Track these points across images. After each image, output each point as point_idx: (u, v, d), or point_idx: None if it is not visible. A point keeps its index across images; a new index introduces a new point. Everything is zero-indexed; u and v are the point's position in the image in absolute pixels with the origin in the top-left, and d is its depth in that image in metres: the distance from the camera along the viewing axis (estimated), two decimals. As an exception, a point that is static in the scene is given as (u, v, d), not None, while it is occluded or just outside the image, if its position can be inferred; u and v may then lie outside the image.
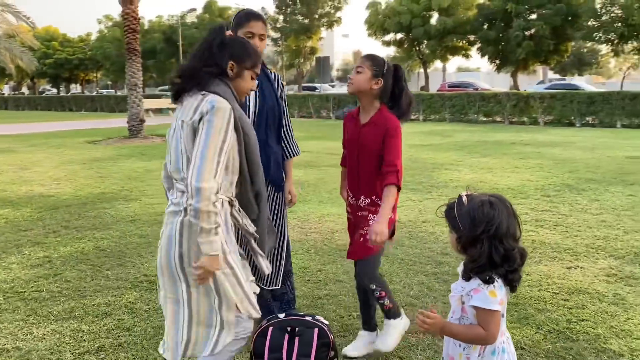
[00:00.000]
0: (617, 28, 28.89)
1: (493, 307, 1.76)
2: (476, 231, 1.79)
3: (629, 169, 8.78)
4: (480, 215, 1.79)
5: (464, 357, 1.86)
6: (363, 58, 2.74)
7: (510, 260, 1.79)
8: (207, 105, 2.04)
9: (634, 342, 2.95)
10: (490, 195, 1.86)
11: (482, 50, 34.68)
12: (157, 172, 9.13)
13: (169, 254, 2.09)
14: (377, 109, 2.70)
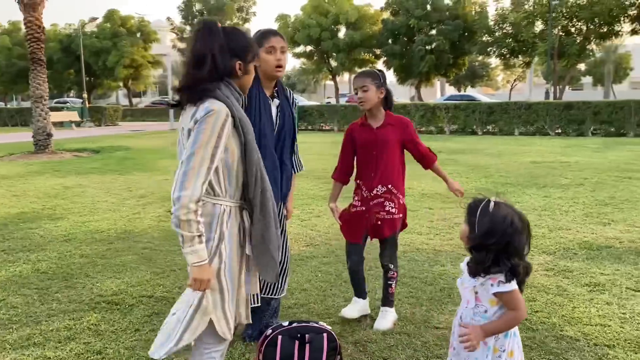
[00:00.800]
0: (508, 43, 31.34)
1: (513, 287, 1.93)
2: (488, 240, 1.92)
3: (537, 173, 9.58)
4: (498, 228, 1.92)
5: (480, 343, 2.00)
6: (363, 77, 3.19)
7: (516, 274, 1.94)
8: (201, 112, 2.01)
9: (586, 328, 3.28)
10: (515, 212, 1.97)
11: (388, 64, 36.14)
12: (77, 189, 8.67)
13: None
14: (384, 113, 3.25)
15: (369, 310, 3.54)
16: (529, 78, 53.02)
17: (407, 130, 3.27)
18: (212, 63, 2.06)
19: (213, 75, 2.07)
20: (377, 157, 3.26)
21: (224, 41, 2.09)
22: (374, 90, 3.15)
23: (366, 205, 3.30)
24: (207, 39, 2.07)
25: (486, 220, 1.94)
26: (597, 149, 13.96)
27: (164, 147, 16.46)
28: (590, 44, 31.24)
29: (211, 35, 2.08)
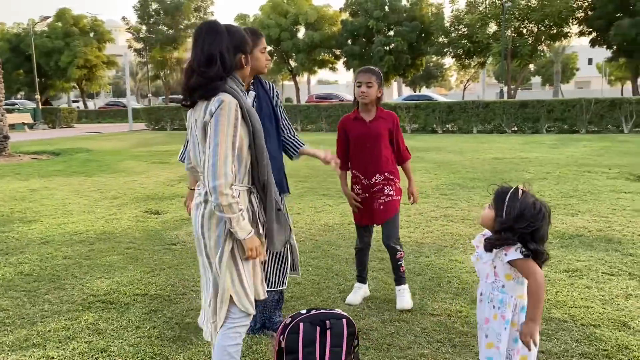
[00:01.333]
0: (463, 44, 32.17)
1: (525, 254, 2.06)
2: (519, 224, 2.06)
3: (501, 169, 9.93)
4: (528, 213, 2.07)
5: (499, 316, 2.15)
6: (369, 74, 3.46)
7: (538, 256, 2.09)
8: (214, 104, 2.18)
9: (571, 310, 3.48)
10: (541, 201, 2.13)
11: (348, 64, 36.48)
12: (44, 192, 8.45)
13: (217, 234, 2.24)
14: (377, 108, 3.54)
15: (368, 292, 3.83)
16: (482, 78, 54.55)
17: (395, 123, 3.57)
18: (220, 61, 2.22)
19: (222, 72, 2.23)
20: (371, 149, 3.51)
21: (228, 39, 2.26)
22: (376, 87, 3.45)
23: (368, 192, 3.56)
24: (215, 39, 2.23)
25: (517, 205, 2.08)
26: (554, 145, 14.54)
27: (125, 149, 16.15)
28: (541, 44, 32.44)
29: (217, 35, 2.24)
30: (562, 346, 3.01)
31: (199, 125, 2.22)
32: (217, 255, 2.24)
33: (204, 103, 2.22)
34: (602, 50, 33.62)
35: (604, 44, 30.74)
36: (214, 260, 2.25)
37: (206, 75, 2.20)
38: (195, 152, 2.28)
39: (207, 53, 2.22)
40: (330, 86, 73.64)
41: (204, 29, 2.27)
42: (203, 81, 2.21)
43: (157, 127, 26.37)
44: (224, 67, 2.23)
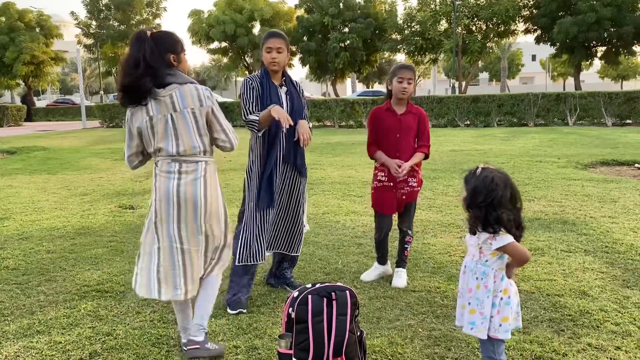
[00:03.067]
0: (416, 41, 32.92)
1: (508, 240, 2.33)
2: (476, 199, 2.32)
3: (459, 160, 10.41)
4: (481, 187, 2.31)
5: (482, 286, 2.41)
6: (411, 71, 3.77)
7: (501, 222, 2.32)
8: (206, 92, 2.82)
9: (537, 283, 3.85)
10: (498, 172, 2.38)
11: (304, 60, 36.68)
12: (8, 190, 8.32)
13: (219, 199, 2.88)
14: (407, 103, 3.83)
15: (390, 270, 4.09)
16: (433, 74, 55.83)
17: (423, 119, 3.83)
18: (144, 63, 2.67)
19: (148, 71, 2.68)
20: (399, 140, 3.76)
21: (153, 45, 2.71)
22: (413, 84, 3.76)
23: (393, 181, 3.80)
24: (140, 46, 2.70)
25: (472, 182, 2.36)
26: (506, 137, 15.25)
27: (84, 147, 15.87)
28: (490, 41, 33.59)
29: (142, 43, 2.71)
30: (532, 313, 3.36)
31: (199, 112, 2.77)
32: (222, 216, 2.91)
33: (191, 94, 2.75)
34: (546, 47, 35.16)
35: (548, 41, 32.14)
36: (220, 220, 2.89)
37: (134, 76, 2.68)
38: (192, 137, 2.75)
39: (133, 58, 2.70)
40: (285, 82, 73.29)
41: (132, 39, 2.77)
42: (133, 79, 2.68)
43: (111, 125, 25.88)
44: (149, 67, 2.68)
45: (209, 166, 2.82)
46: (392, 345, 3.00)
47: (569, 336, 3.06)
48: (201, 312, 2.91)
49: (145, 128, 2.75)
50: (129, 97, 2.73)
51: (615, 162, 9.66)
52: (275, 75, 3.62)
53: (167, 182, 2.73)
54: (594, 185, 7.41)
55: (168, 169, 2.75)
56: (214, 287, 2.97)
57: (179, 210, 2.74)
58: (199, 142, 2.77)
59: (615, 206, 6.15)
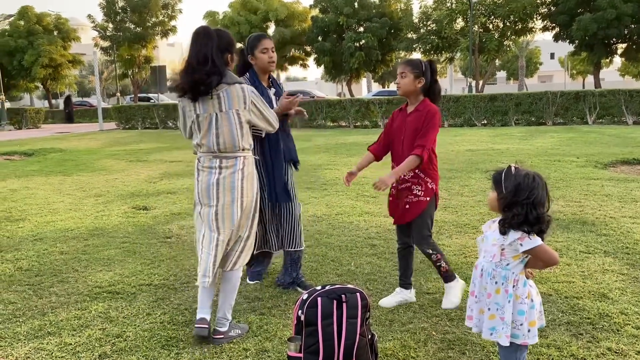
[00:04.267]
0: (432, 40, 32.71)
1: (538, 242, 2.25)
2: (519, 197, 2.23)
3: (475, 160, 10.27)
4: (524, 184, 2.24)
5: (502, 290, 2.33)
6: (404, 64, 3.37)
7: (542, 222, 2.26)
8: (251, 94, 3.01)
9: (555, 285, 3.75)
10: (532, 170, 2.32)
11: (319, 60, 36.65)
12: (24, 191, 8.40)
13: (254, 192, 3.07)
14: (421, 100, 3.35)
15: (413, 297, 3.55)
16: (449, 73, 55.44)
17: (427, 116, 3.26)
18: (211, 60, 2.83)
19: (215, 69, 2.83)
20: (403, 142, 3.35)
21: (217, 42, 2.87)
22: (411, 79, 3.28)
23: (396, 188, 3.42)
24: (207, 42, 2.85)
25: (512, 180, 2.27)
26: (523, 137, 15.03)
27: (100, 148, 16.01)
28: (507, 40, 33.23)
29: (210, 39, 2.86)
30: (550, 316, 3.26)
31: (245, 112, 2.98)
32: (252, 209, 3.06)
33: (237, 95, 2.94)
34: (564, 45, 34.65)
35: (566, 39, 31.67)
36: (250, 212, 3.05)
37: (203, 72, 2.82)
38: (234, 135, 2.96)
39: (202, 54, 2.83)
40: (300, 83, 73.72)
41: (200, 33, 2.88)
42: (203, 77, 2.83)
43: (128, 127, 26.08)
44: (215, 65, 2.83)
45: (247, 160, 3.03)
46: (405, 348, 2.93)
47: (587, 340, 2.96)
48: (225, 305, 3.09)
49: (192, 122, 3.01)
50: (196, 91, 2.87)
51: (636, 161, 9.44)
52: (263, 77, 3.75)
53: (209, 177, 2.97)
54: (614, 185, 7.24)
55: (210, 165, 2.98)
56: (237, 281, 3.13)
57: (217, 203, 2.96)
58: (240, 141, 2.98)
59: (637, 206, 6.00)
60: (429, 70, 3.32)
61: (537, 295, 2.38)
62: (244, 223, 3.04)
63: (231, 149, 2.97)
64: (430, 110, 3.28)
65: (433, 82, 3.35)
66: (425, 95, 3.36)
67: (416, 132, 3.27)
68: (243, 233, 3.06)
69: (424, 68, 3.31)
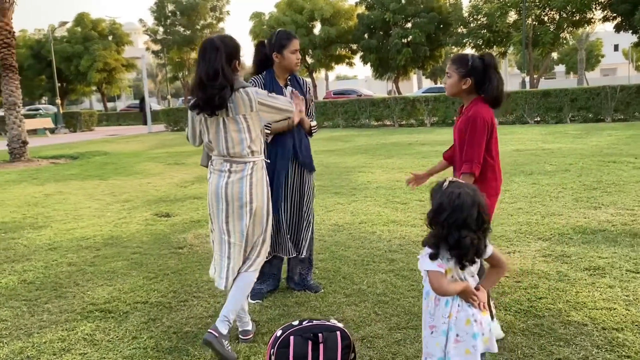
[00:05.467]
0: (483, 34, 31.51)
1: (426, 267, 2.09)
2: (440, 216, 2.05)
3: (522, 161, 9.61)
4: (447, 203, 2.05)
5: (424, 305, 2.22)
6: (450, 62, 2.99)
7: (462, 246, 2.03)
8: (255, 95, 2.90)
9: (592, 312, 3.25)
10: (467, 187, 2.09)
11: (365, 58, 36.11)
12: (57, 196, 8.45)
13: (264, 196, 3.00)
14: (471, 102, 2.94)
15: (501, 333, 2.98)
16: (503, 68, 53.59)
17: (469, 124, 2.87)
18: (222, 73, 2.79)
19: (227, 82, 2.79)
20: (455, 148, 3.08)
21: (224, 53, 2.82)
22: (456, 79, 2.92)
23: None
24: (216, 56, 2.80)
25: (436, 197, 2.09)
26: (578, 135, 14.10)
27: (143, 151, 16.20)
28: (563, 32, 31.60)
29: (217, 52, 2.81)
30: (582, 352, 2.79)
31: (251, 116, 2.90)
32: (265, 214, 3.00)
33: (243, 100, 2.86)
34: (628, 36, 32.61)
35: (629, 29, 29.77)
36: (263, 218, 2.99)
37: (215, 87, 2.78)
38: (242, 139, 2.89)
39: (212, 69, 2.79)
40: (349, 81, 73.25)
41: (207, 48, 2.84)
42: (215, 91, 2.77)
43: (176, 129, 26.48)
44: (225, 78, 2.79)
45: (257, 165, 2.96)
46: (404, 390, 2.54)
47: (625, 387, 2.48)
48: (231, 305, 2.94)
49: (201, 124, 2.95)
50: (211, 106, 2.81)
51: (702, 161, 8.55)
52: (283, 76, 3.64)
53: (218, 179, 2.93)
54: (674, 189, 6.51)
55: (220, 168, 2.95)
56: (248, 283, 3.02)
57: (227, 206, 2.92)
58: (249, 145, 2.91)
59: (699, 215, 5.32)
60: (479, 67, 2.88)
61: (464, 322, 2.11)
62: (257, 229, 3.00)
63: (240, 154, 2.91)
64: (472, 115, 2.87)
65: (488, 79, 2.88)
66: (481, 95, 2.93)
67: (460, 136, 2.94)
68: (257, 238, 3.02)
69: (472, 66, 2.88)
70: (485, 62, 2.93)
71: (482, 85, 2.92)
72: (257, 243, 3.02)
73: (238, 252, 2.96)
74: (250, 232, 2.98)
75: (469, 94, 2.95)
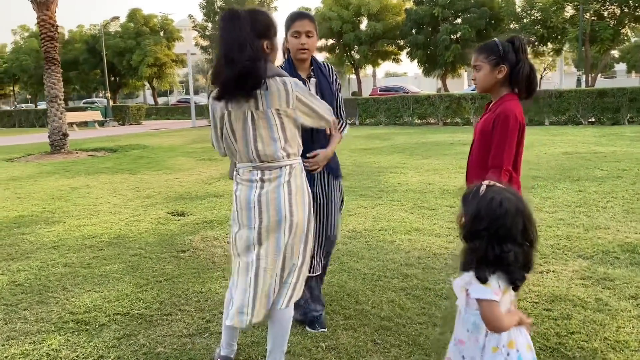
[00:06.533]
0: (537, 30, 30.19)
1: (485, 295, 1.71)
2: (478, 225, 1.75)
3: (569, 165, 8.86)
4: (486, 211, 1.75)
5: (473, 339, 1.83)
6: (476, 53, 2.56)
7: (504, 261, 1.73)
8: (295, 88, 2.38)
9: (635, 355, 2.69)
10: (508, 192, 1.80)
11: (412, 55, 35.26)
12: (83, 190, 8.34)
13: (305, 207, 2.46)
14: (501, 96, 2.54)
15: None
16: (559, 66, 51.39)
17: (498, 122, 2.47)
18: (250, 45, 2.25)
19: (258, 54, 2.26)
20: (471, 150, 2.67)
21: (250, 25, 2.27)
22: (488, 70, 2.52)
23: None
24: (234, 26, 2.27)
25: (474, 204, 1.78)
26: (635, 137, 13.07)
27: (181, 145, 16.16)
28: (624, 28, 29.85)
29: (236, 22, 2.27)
30: (617, 410, 2.26)
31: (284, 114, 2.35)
32: (305, 230, 2.47)
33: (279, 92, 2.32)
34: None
35: (698, 25, 27.83)
36: (303, 234, 2.46)
37: (244, 60, 2.23)
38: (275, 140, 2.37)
39: (237, 42, 2.25)
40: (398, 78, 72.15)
41: (227, 18, 2.30)
42: (247, 64, 2.23)
43: (218, 123, 26.51)
44: (255, 51, 2.25)
45: (295, 169, 2.44)
46: None
47: None
48: (276, 352, 2.54)
49: (225, 123, 2.42)
50: (244, 87, 2.28)
51: None
52: (301, 66, 3.04)
53: (249, 192, 2.40)
54: None
55: (250, 178, 2.42)
56: (289, 321, 2.55)
57: (260, 221, 2.38)
58: (283, 147, 2.39)
59: None
60: (511, 51, 2.49)
61: (528, 350, 1.80)
62: (296, 249, 2.45)
63: (273, 157, 2.38)
64: (502, 112, 2.46)
65: (521, 65, 2.49)
66: (514, 86, 2.53)
67: (482, 136, 2.54)
68: (296, 260, 2.47)
69: (503, 51, 2.49)
70: (515, 46, 2.50)
71: (516, 73, 2.49)
72: (295, 267, 2.48)
73: (269, 279, 2.42)
74: (289, 253, 2.44)
75: (502, 87, 2.55)
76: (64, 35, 45.88)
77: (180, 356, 2.87)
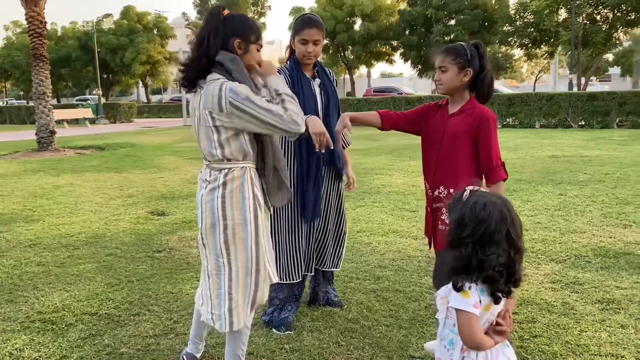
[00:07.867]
0: (530, 33, 30.30)
1: (462, 305, 1.62)
2: (462, 233, 1.68)
3: (554, 168, 8.90)
4: (469, 215, 1.68)
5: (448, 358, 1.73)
6: (443, 54, 2.59)
7: (484, 268, 1.64)
8: (230, 94, 2.23)
9: (594, 359, 2.70)
10: (493, 196, 1.73)
11: (405, 55, 35.32)
12: (66, 188, 8.31)
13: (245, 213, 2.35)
14: (467, 99, 2.62)
15: None
16: (553, 69, 51.60)
17: (483, 123, 2.54)
18: (207, 42, 2.30)
19: (204, 52, 2.29)
20: (440, 149, 2.65)
21: (221, 23, 2.31)
22: (455, 72, 2.55)
23: (430, 206, 2.76)
24: (208, 22, 2.35)
25: (457, 210, 1.72)
26: (623, 141, 13.15)
27: (170, 144, 16.12)
28: (616, 32, 30.01)
29: (211, 18, 2.34)
30: (571, 415, 2.27)
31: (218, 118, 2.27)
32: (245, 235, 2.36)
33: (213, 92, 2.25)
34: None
35: (689, 30, 27.99)
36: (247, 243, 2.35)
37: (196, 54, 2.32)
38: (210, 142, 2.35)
39: (201, 35, 2.33)
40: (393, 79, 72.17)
41: (207, 13, 2.39)
42: (188, 62, 2.35)
43: (210, 122, 26.48)
44: (207, 48, 2.29)
45: (233, 172, 2.35)
46: None
47: None
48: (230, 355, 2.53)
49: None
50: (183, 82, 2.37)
51: None
52: (306, 67, 3.15)
53: (198, 192, 2.44)
54: None
55: (201, 177, 2.46)
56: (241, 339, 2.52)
57: (201, 221, 2.41)
58: (218, 150, 2.32)
59: None
60: (476, 56, 2.57)
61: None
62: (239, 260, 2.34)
63: (212, 157, 2.35)
64: (484, 114, 2.56)
65: (483, 72, 2.57)
66: (472, 91, 2.63)
67: (457, 138, 2.59)
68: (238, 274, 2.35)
69: (470, 55, 2.56)
70: (480, 51, 2.58)
71: (481, 78, 2.57)
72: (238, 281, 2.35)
73: (213, 279, 2.37)
74: (225, 261, 2.34)
75: (465, 90, 2.62)
76: (57, 31, 45.67)
77: (143, 357, 2.86)
